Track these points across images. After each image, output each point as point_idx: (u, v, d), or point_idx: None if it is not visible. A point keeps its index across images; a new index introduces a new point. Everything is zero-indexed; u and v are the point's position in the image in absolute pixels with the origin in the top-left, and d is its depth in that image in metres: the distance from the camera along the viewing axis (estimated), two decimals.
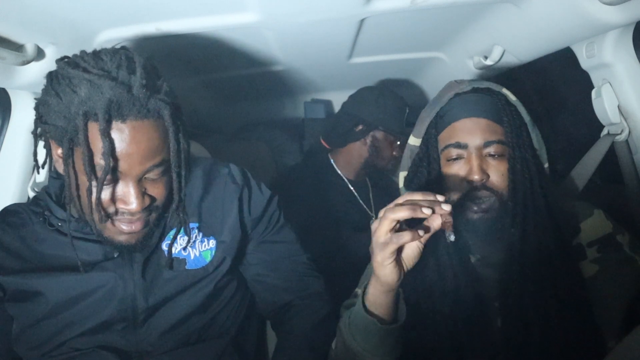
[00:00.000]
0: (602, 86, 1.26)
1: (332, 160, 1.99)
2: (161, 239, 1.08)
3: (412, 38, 1.59)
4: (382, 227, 0.80)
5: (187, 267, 1.08)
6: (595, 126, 1.34)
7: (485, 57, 1.59)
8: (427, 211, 0.78)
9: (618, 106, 1.25)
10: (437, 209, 0.79)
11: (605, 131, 1.32)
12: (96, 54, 0.91)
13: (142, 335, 1.04)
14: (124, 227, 0.96)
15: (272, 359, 1.15)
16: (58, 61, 0.91)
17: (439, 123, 1.03)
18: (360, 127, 1.89)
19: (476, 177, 0.94)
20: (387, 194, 1.96)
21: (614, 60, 1.20)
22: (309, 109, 2.49)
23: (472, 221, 0.96)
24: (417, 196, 0.81)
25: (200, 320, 1.09)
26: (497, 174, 0.95)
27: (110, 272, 1.04)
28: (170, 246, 1.06)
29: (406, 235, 0.79)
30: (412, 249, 0.85)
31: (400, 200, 0.82)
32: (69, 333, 1.03)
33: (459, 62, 1.78)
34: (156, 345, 1.05)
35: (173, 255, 1.07)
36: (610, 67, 1.22)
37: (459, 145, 0.98)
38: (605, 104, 1.26)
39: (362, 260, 1.15)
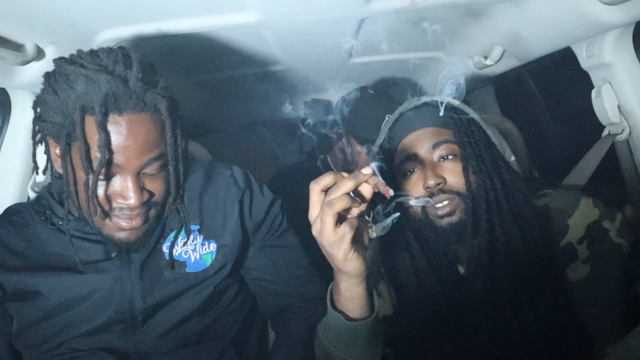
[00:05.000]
0: (602, 86, 1.26)
1: (329, 161, 1.98)
2: (160, 240, 1.08)
3: (412, 38, 1.59)
4: (327, 225, 0.75)
5: (187, 269, 1.08)
6: (595, 126, 1.35)
7: (485, 57, 1.59)
8: (352, 184, 0.75)
9: (618, 106, 1.25)
10: (360, 177, 0.76)
11: (606, 131, 1.32)
12: (93, 52, 0.91)
13: (141, 336, 1.04)
14: (124, 224, 0.96)
15: (268, 357, 1.15)
16: (56, 60, 0.91)
17: (390, 146, 1.04)
18: (335, 129, 1.87)
19: (431, 182, 0.92)
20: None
21: (614, 60, 1.20)
22: (309, 109, 2.49)
23: (441, 228, 0.94)
24: (327, 180, 0.77)
25: (199, 323, 1.09)
26: (453, 175, 0.94)
27: (108, 274, 1.04)
28: (171, 248, 1.06)
29: (354, 221, 0.76)
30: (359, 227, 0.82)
31: (315, 194, 0.77)
32: (68, 334, 1.03)
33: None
34: (155, 346, 1.05)
35: (174, 258, 1.07)
36: (610, 67, 1.22)
37: (409, 158, 0.98)
38: (605, 103, 1.25)
39: None
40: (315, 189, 0.77)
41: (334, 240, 0.75)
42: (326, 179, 0.77)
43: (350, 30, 1.36)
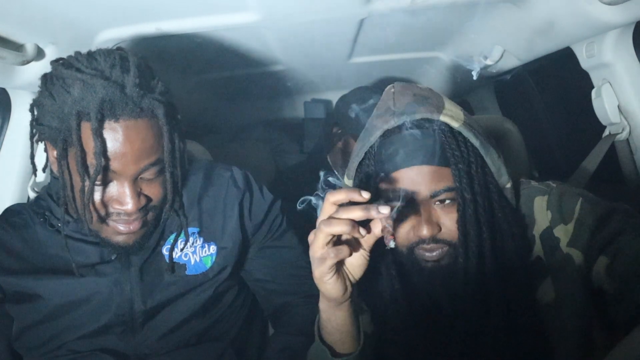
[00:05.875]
0: (602, 86, 1.26)
1: (329, 161, 1.97)
2: (160, 243, 1.07)
3: (412, 38, 1.59)
4: (318, 240, 0.72)
5: (187, 272, 1.07)
6: (595, 126, 1.35)
7: (485, 57, 1.59)
8: (359, 215, 0.71)
9: (618, 106, 1.25)
10: (373, 212, 0.70)
11: (606, 132, 1.32)
12: (90, 55, 0.90)
13: (140, 338, 1.04)
14: (121, 228, 0.95)
15: (268, 347, 1.15)
16: (53, 62, 0.91)
17: (375, 169, 0.88)
18: (335, 129, 1.85)
19: (424, 232, 0.83)
20: None
21: (614, 60, 1.20)
22: (309, 109, 2.49)
23: (426, 269, 0.87)
24: (341, 196, 0.72)
25: (199, 325, 1.09)
26: (448, 222, 0.85)
27: (107, 277, 1.04)
28: (171, 250, 1.05)
29: (344, 250, 0.73)
30: (356, 259, 0.79)
31: (327, 205, 0.73)
32: (68, 336, 1.03)
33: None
34: (155, 348, 1.05)
35: (174, 260, 1.07)
36: (610, 67, 1.22)
37: (400, 199, 0.85)
38: (605, 103, 1.26)
39: None
40: (329, 199, 0.73)
41: (317, 257, 0.74)
42: (340, 195, 0.72)
43: (350, 31, 1.36)
